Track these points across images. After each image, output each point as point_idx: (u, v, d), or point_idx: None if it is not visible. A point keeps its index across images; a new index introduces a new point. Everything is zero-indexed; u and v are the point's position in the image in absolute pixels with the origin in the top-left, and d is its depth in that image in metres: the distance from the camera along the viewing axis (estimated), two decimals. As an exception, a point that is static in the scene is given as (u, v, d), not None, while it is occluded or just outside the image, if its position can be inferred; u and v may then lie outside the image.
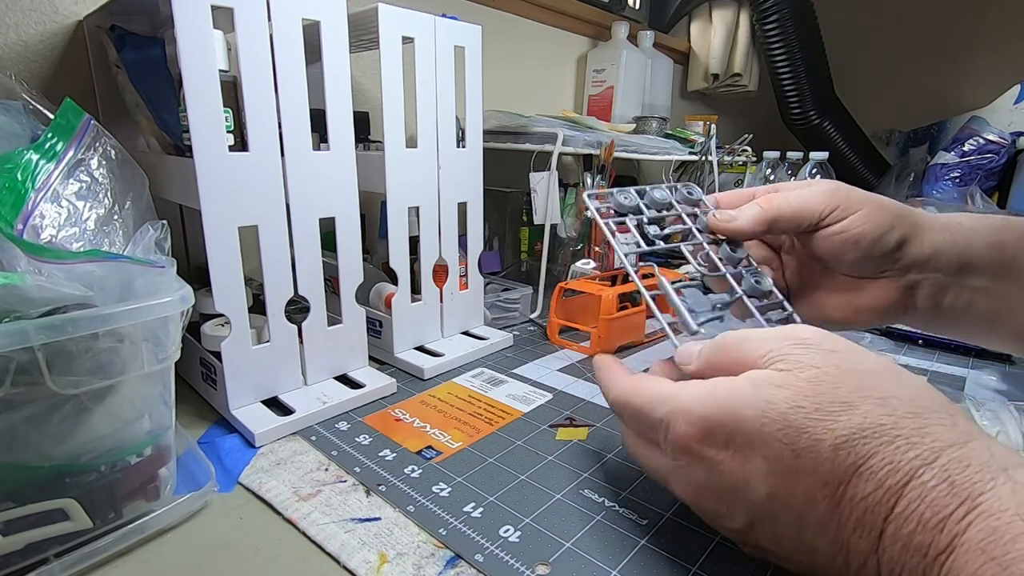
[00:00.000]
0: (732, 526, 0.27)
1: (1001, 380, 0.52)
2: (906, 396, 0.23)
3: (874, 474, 0.21)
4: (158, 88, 0.51)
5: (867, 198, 0.36)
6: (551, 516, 0.33)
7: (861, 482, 0.22)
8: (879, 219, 0.35)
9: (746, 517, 0.25)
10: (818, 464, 0.22)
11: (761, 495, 0.24)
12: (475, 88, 0.56)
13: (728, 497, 0.26)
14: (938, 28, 1.73)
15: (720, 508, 0.27)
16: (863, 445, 0.22)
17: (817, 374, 0.24)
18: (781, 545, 0.25)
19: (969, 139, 1.30)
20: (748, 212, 0.37)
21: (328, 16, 0.44)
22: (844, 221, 0.35)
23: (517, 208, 0.84)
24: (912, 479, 0.21)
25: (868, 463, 0.22)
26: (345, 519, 0.33)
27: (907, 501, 0.21)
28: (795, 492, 0.23)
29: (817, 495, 0.23)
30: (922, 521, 0.20)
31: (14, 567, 0.28)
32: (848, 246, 0.35)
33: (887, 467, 0.21)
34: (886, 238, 0.35)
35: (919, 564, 0.20)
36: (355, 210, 0.48)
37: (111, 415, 0.30)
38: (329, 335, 0.49)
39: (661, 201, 0.40)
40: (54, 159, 0.38)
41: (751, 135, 1.12)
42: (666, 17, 1.51)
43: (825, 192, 0.36)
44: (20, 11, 0.54)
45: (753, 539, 0.26)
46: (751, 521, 0.25)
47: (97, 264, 0.31)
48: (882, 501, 0.21)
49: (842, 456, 0.22)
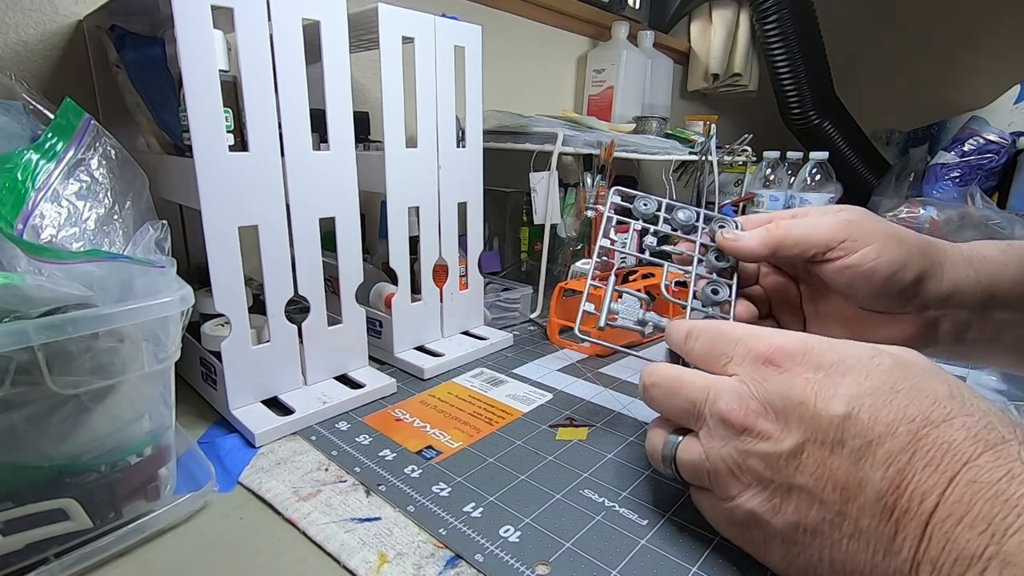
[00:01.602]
0: (777, 448, 0.25)
1: (1001, 380, 0.52)
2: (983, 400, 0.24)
3: (968, 427, 0.22)
4: (158, 88, 0.51)
5: (883, 231, 0.35)
6: (551, 516, 0.33)
7: (952, 429, 0.22)
8: (893, 254, 0.34)
9: (800, 438, 0.24)
10: (912, 403, 0.23)
11: (838, 413, 0.24)
12: (475, 88, 0.56)
13: (794, 414, 0.25)
14: (938, 28, 1.73)
15: (771, 427, 0.25)
16: (963, 406, 0.23)
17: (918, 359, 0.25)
18: (823, 479, 0.24)
19: (969, 139, 1.30)
20: (755, 234, 0.37)
21: (328, 16, 0.43)
22: (856, 254, 0.34)
23: (517, 208, 0.84)
24: (1006, 442, 0.21)
25: (964, 418, 0.22)
26: (345, 519, 0.33)
27: (998, 454, 0.21)
28: (878, 420, 0.23)
29: (900, 428, 0.22)
30: (1012, 473, 0.20)
31: (14, 567, 0.28)
32: (860, 280, 0.34)
33: (984, 427, 0.22)
34: (900, 274, 0.34)
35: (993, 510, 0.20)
36: (355, 210, 0.48)
37: (111, 415, 0.30)
38: (329, 335, 0.49)
39: (683, 221, 0.40)
40: (54, 159, 0.38)
41: (751, 135, 1.12)
42: (666, 17, 1.51)
43: (837, 222, 0.35)
44: (20, 11, 0.54)
45: (786, 473, 0.25)
46: (802, 444, 0.24)
47: (97, 264, 0.31)
48: (968, 449, 0.21)
49: (940, 406, 0.22)
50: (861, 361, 0.25)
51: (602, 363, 0.57)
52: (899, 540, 0.22)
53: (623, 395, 0.50)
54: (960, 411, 0.22)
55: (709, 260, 0.39)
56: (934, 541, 0.21)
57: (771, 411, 0.26)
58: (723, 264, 0.39)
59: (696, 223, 0.41)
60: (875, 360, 0.25)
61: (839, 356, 0.25)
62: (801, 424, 0.25)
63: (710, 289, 0.38)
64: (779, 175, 1.21)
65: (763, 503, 0.26)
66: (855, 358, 0.25)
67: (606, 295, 0.37)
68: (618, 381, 0.53)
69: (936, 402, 0.23)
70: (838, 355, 0.25)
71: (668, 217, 0.41)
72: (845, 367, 0.25)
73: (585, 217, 0.74)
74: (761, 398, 0.26)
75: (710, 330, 0.30)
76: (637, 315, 0.36)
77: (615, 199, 0.43)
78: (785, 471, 0.25)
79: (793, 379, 0.25)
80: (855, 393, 0.24)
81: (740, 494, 0.27)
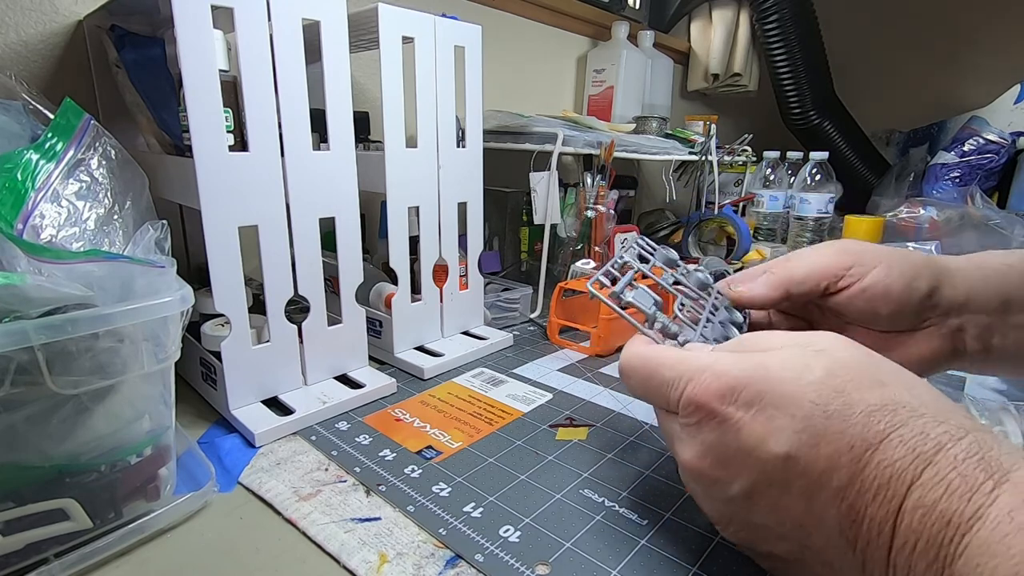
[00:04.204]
0: (726, 495, 0.25)
1: (1001, 380, 0.52)
2: (925, 388, 0.24)
3: (904, 441, 0.21)
4: (158, 88, 0.51)
5: (886, 251, 0.35)
6: (551, 516, 0.33)
7: (890, 448, 0.21)
8: (902, 268, 0.34)
9: (748, 483, 0.24)
10: (848, 427, 0.22)
11: (779, 455, 0.23)
12: (475, 88, 0.56)
13: (735, 460, 0.25)
14: (938, 28, 1.73)
15: (721, 474, 0.25)
16: (895, 415, 0.22)
17: (850, 356, 0.25)
18: (781, 517, 0.24)
19: (969, 139, 1.30)
20: (760, 280, 0.37)
21: (328, 16, 0.44)
22: (867, 278, 0.35)
23: (517, 208, 0.84)
24: (942, 449, 0.21)
25: (900, 430, 0.22)
26: (345, 519, 0.33)
27: (936, 468, 0.20)
28: (819, 455, 0.22)
29: (841, 459, 0.22)
30: (950, 488, 0.20)
31: (14, 567, 0.28)
32: (879, 301, 0.34)
33: (919, 436, 0.21)
34: (915, 285, 0.34)
35: (940, 533, 0.20)
36: (355, 210, 0.48)
37: (111, 415, 0.30)
38: (329, 335, 0.49)
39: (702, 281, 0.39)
40: (54, 159, 0.38)
41: (751, 135, 1.12)
42: (666, 17, 1.51)
43: (834, 252, 0.36)
44: (20, 11, 0.54)
45: (745, 514, 0.25)
46: (751, 490, 0.24)
47: (97, 264, 0.31)
48: (910, 468, 0.21)
49: (874, 421, 0.22)
50: (792, 384, 0.24)
51: (602, 363, 0.57)
52: (868, 569, 0.22)
53: (623, 395, 0.49)
54: (893, 423, 0.22)
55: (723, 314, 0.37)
56: (899, 570, 0.21)
57: (715, 459, 0.25)
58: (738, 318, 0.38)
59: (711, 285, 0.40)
60: (805, 377, 0.24)
61: (769, 384, 0.24)
62: (745, 469, 0.24)
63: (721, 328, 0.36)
64: (779, 175, 1.21)
65: (735, 534, 0.27)
66: (786, 381, 0.24)
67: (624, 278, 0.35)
68: (618, 381, 0.53)
69: (870, 417, 0.22)
70: (768, 382, 0.24)
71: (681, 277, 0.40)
72: (777, 396, 0.24)
73: (585, 217, 0.74)
74: (702, 447, 0.26)
75: (641, 369, 0.29)
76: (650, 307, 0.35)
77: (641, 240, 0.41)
78: (743, 512, 0.26)
79: (727, 427, 0.25)
80: (791, 427, 0.23)
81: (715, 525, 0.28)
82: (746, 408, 0.24)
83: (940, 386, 0.49)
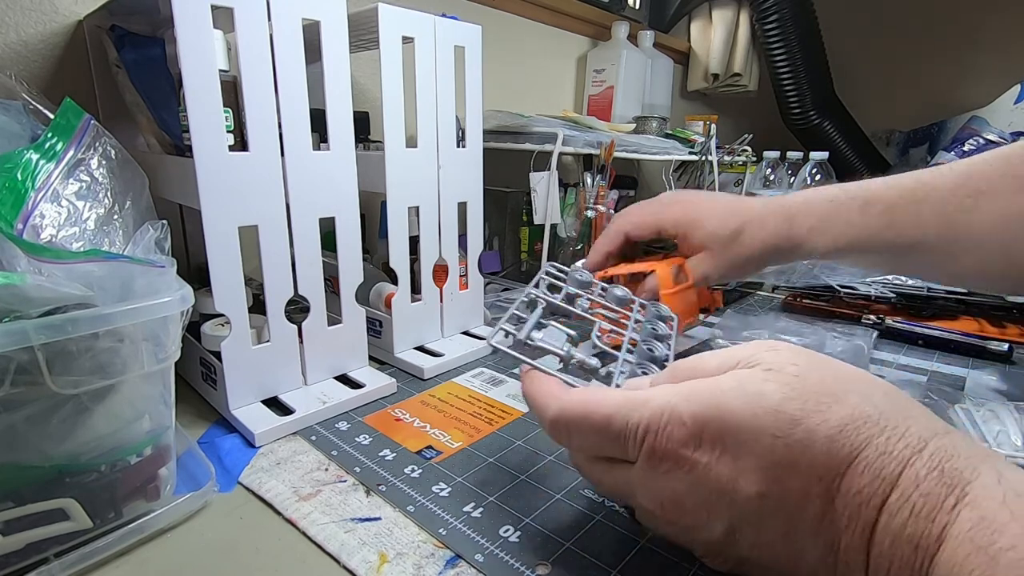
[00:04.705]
0: (708, 537, 0.25)
1: (1001, 380, 0.52)
2: (883, 392, 0.23)
3: (869, 465, 0.21)
4: (158, 88, 0.51)
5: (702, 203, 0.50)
6: (551, 516, 0.33)
7: (856, 473, 0.21)
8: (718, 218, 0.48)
9: (727, 524, 0.24)
10: (813, 456, 0.22)
11: (751, 495, 0.23)
12: (475, 88, 0.56)
13: (711, 504, 0.24)
14: (938, 28, 1.73)
15: (698, 519, 0.25)
16: (857, 435, 0.22)
17: (801, 370, 0.24)
18: (764, 552, 0.24)
19: (969, 139, 1.30)
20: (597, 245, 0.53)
21: (328, 16, 0.43)
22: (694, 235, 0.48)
23: (517, 208, 0.84)
24: (906, 468, 0.21)
25: (863, 453, 0.21)
26: (345, 519, 0.33)
27: (901, 491, 0.20)
28: (789, 489, 0.22)
29: (812, 491, 0.22)
30: (915, 511, 0.20)
31: (14, 567, 0.28)
32: None
33: (881, 456, 0.21)
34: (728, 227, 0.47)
35: (910, 557, 0.20)
36: (355, 210, 0.48)
37: (111, 415, 0.30)
38: (329, 335, 0.49)
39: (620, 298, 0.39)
40: (54, 159, 0.38)
41: (751, 135, 1.12)
42: (666, 17, 1.51)
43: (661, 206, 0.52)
44: (20, 11, 0.54)
45: (730, 550, 0.25)
46: (732, 528, 0.24)
47: (97, 264, 0.31)
48: (877, 492, 0.21)
49: (837, 447, 0.21)
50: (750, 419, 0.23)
51: (602, 363, 0.57)
52: None
53: (623, 395, 0.49)
54: (857, 444, 0.21)
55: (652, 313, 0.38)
56: None
57: (690, 506, 0.25)
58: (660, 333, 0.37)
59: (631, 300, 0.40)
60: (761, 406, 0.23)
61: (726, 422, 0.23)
62: (721, 510, 0.24)
63: (646, 347, 0.34)
64: (779, 175, 1.21)
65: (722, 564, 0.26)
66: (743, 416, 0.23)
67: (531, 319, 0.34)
68: (618, 381, 0.53)
69: (832, 443, 0.22)
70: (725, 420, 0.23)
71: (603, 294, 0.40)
72: (737, 433, 0.23)
73: (585, 217, 0.74)
74: (673, 495, 0.25)
75: (584, 425, 0.26)
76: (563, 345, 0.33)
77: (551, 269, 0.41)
78: (727, 550, 0.25)
79: (696, 473, 0.24)
80: (757, 465, 0.22)
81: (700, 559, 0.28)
82: (711, 450, 0.23)
83: (941, 387, 0.49)
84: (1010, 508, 0.19)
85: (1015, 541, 0.18)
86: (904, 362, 0.57)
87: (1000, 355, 0.57)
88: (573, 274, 0.40)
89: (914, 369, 0.55)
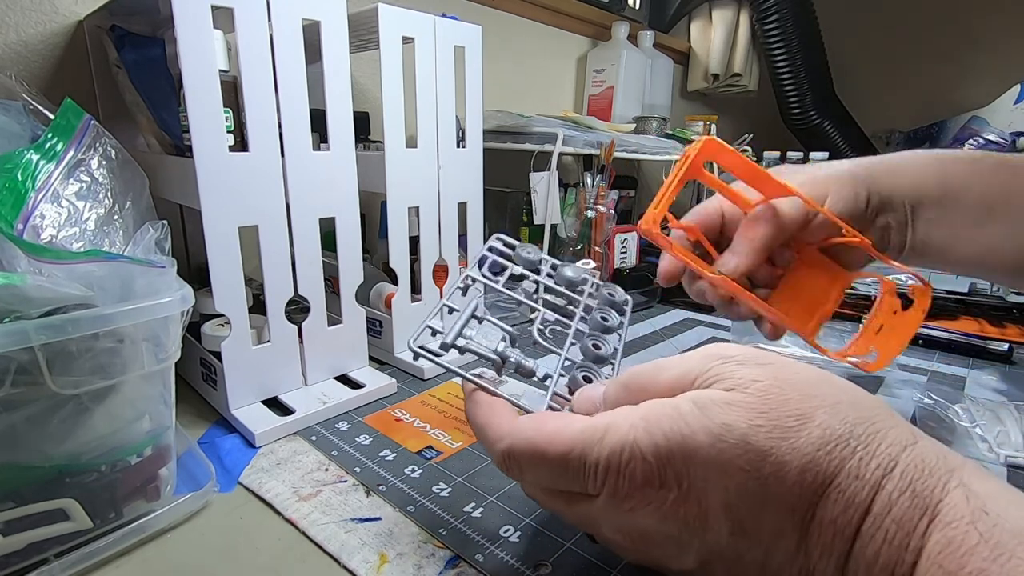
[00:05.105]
0: (681, 567, 0.24)
1: (1001, 380, 0.52)
2: (848, 399, 0.22)
3: (842, 493, 0.20)
4: (158, 88, 0.51)
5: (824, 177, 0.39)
6: (551, 516, 0.33)
7: (829, 503, 0.20)
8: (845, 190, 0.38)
9: (700, 557, 0.23)
10: (786, 490, 0.21)
11: (722, 532, 0.22)
12: (475, 88, 0.56)
13: (680, 539, 0.23)
14: (938, 28, 1.73)
15: (668, 552, 0.24)
16: (828, 462, 0.21)
17: (763, 387, 0.22)
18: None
19: (969, 139, 1.30)
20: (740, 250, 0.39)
21: (328, 16, 0.44)
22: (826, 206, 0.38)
23: (517, 208, 0.83)
24: (878, 492, 0.20)
25: (836, 481, 0.21)
26: (345, 519, 0.33)
27: (873, 517, 0.20)
28: (762, 526, 0.21)
29: (786, 526, 0.21)
30: (888, 538, 0.20)
31: (14, 567, 0.28)
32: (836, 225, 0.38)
33: (854, 482, 0.20)
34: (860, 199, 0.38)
35: None
36: (355, 210, 0.48)
37: (111, 415, 0.30)
38: (329, 335, 0.49)
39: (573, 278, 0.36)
40: (54, 159, 0.38)
41: (751, 135, 1.13)
42: (666, 17, 1.51)
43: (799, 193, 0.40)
44: (20, 11, 0.54)
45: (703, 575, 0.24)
46: (705, 561, 0.23)
47: (97, 264, 0.31)
48: (851, 521, 0.20)
49: (809, 478, 0.21)
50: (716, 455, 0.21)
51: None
52: None
53: (623, 395, 0.49)
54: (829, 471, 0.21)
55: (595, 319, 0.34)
56: None
57: (660, 540, 0.24)
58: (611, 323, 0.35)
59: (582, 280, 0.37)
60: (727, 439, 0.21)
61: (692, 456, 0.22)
62: (691, 544, 0.23)
63: (591, 343, 0.33)
64: (779, 175, 1.21)
65: None
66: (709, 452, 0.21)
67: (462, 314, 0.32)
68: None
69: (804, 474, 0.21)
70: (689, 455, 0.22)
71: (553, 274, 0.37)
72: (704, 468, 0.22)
73: (585, 217, 0.74)
74: (641, 529, 0.24)
75: (538, 460, 0.25)
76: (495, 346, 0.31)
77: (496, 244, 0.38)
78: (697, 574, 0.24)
79: (665, 510, 0.22)
80: (729, 503, 0.21)
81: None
82: (676, 487, 0.22)
83: (941, 387, 0.49)
84: (979, 529, 0.18)
85: (983, 564, 0.18)
86: (904, 362, 0.57)
87: (1000, 355, 0.57)
88: (520, 251, 0.37)
89: (914, 369, 0.55)
